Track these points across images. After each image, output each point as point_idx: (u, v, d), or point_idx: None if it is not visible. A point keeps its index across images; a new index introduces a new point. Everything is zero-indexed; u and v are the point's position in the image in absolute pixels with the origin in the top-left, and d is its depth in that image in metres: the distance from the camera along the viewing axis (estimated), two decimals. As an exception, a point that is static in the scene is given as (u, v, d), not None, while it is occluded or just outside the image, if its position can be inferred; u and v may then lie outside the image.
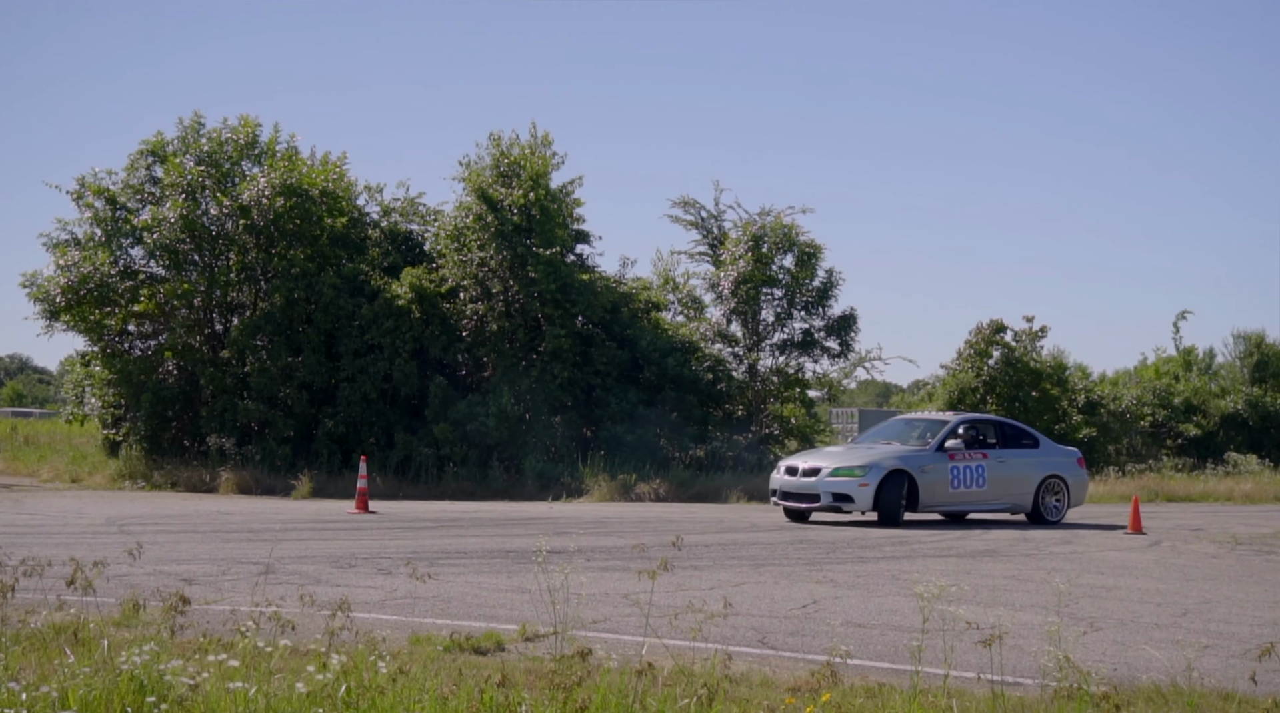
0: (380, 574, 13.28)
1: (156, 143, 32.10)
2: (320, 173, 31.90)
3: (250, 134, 32.31)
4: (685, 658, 8.47)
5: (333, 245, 32.04)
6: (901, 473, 20.85)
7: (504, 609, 11.06)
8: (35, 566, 7.72)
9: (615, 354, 30.50)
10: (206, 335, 31.86)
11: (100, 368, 32.26)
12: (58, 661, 6.38)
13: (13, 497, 25.33)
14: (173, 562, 13.82)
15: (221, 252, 31.44)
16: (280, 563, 13.92)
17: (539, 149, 31.35)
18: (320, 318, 30.67)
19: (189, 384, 31.45)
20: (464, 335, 30.88)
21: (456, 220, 31.37)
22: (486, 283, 30.73)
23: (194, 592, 11.09)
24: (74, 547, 15.25)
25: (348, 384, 30.21)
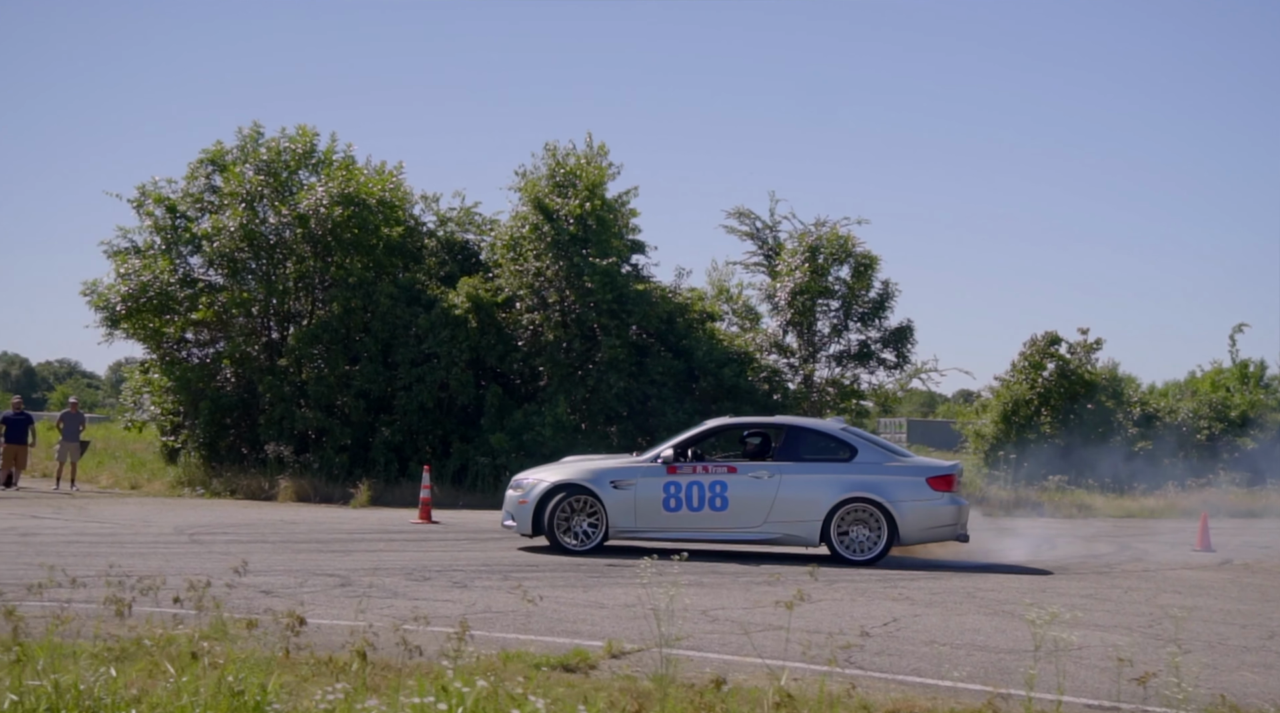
0: (456, 587, 13.30)
1: (216, 152, 32.33)
2: (377, 182, 32.03)
3: (308, 144, 32.48)
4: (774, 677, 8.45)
5: (389, 255, 32.16)
6: (577, 490, 17.27)
7: (585, 625, 11.06)
8: (151, 584, 7.76)
9: (671, 364, 30.46)
10: (264, 344, 32.03)
11: (159, 375, 32.46)
12: (185, 678, 6.41)
13: (76, 503, 25.53)
14: (249, 573, 13.87)
15: (279, 260, 31.61)
16: (355, 575, 13.98)
17: (595, 159, 31.40)
18: (377, 327, 30.78)
19: (247, 392, 31.61)
20: (520, 345, 30.93)
21: (513, 230, 31.42)
22: (542, 292, 30.77)
23: (274, 603, 11.15)
24: (149, 557, 15.36)
25: (404, 393, 30.30)
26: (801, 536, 16.92)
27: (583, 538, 17.21)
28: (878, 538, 16.76)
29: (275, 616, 7.49)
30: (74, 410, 32.04)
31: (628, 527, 17.22)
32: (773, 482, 17.00)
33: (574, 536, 17.24)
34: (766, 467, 17.12)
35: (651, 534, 17.35)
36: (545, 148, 31.57)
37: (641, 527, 17.22)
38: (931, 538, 17.19)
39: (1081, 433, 35.66)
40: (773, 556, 17.41)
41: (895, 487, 16.86)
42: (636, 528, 17.24)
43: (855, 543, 16.80)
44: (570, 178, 31.05)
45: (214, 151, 32.34)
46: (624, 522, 17.19)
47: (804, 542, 16.98)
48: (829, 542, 16.83)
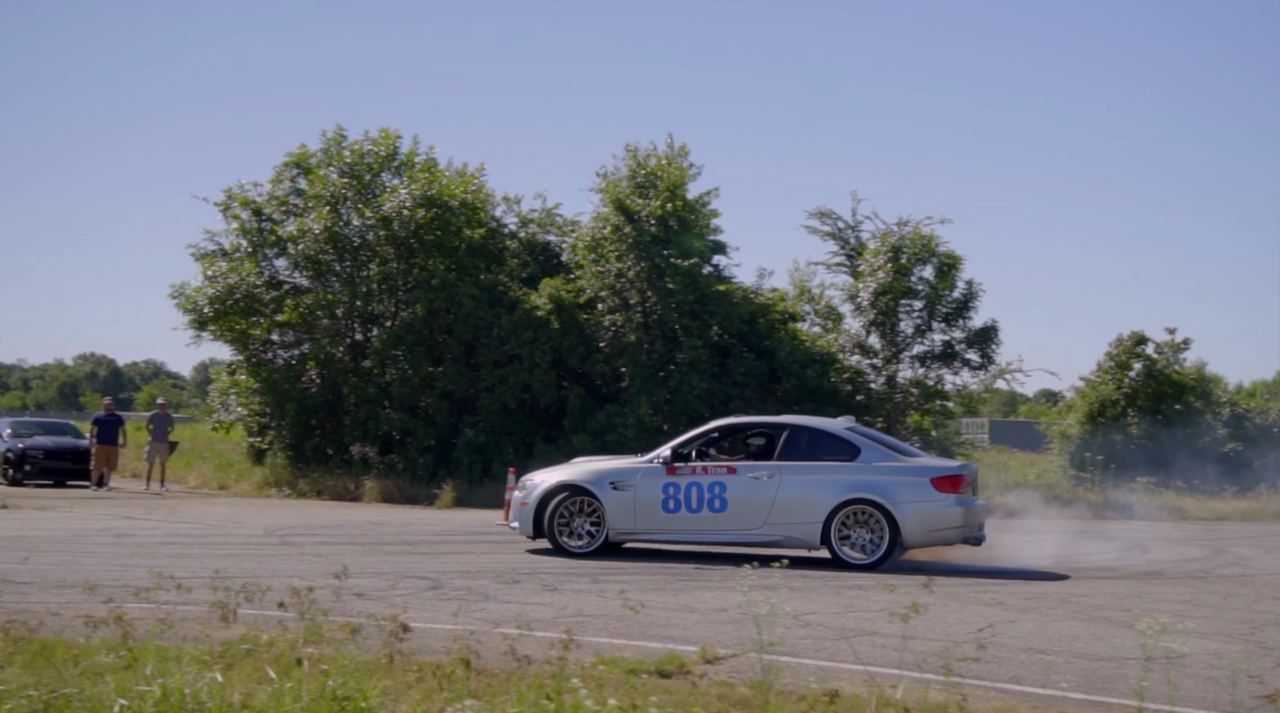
0: (546, 590, 13.32)
1: (300, 155, 32.63)
2: (459, 184, 32.18)
3: (390, 146, 32.70)
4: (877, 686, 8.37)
5: (471, 256, 32.29)
6: (578, 491, 17.06)
7: (677, 629, 11.02)
8: (255, 589, 7.82)
9: (753, 365, 30.37)
10: (348, 345, 32.29)
11: (246, 377, 32.81)
12: (289, 683, 6.44)
13: (167, 504, 25.86)
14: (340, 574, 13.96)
15: (363, 262, 31.85)
16: (445, 577, 14.03)
17: (676, 160, 31.35)
18: (460, 328, 30.92)
19: (332, 393, 31.87)
20: (602, 346, 30.95)
21: (594, 231, 31.45)
22: (624, 293, 30.78)
23: (367, 606, 11.22)
24: (243, 558, 15.52)
25: (487, 394, 30.41)
26: (801, 538, 16.48)
27: (585, 539, 16.98)
28: (880, 541, 16.20)
29: (378, 621, 7.52)
30: (162, 411, 32.46)
31: (627, 528, 16.96)
32: (772, 483, 16.56)
33: (575, 537, 17.03)
34: (766, 467, 16.70)
35: (651, 536, 17.10)
36: (626, 149, 31.63)
37: (640, 528, 16.96)
38: (937, 541, 16.64)
39: (1169, 434, 35.10)
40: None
41: (897, 487, 16.27)
42: (636, 529, 16.98)
43: (857, 546, 16.28)
44: (651, 179, 31.03)
45: (299, 155, 32.65)
46: (623, 523, 16.92)
47: (804, 544, 16.55)
48: (829, 544, 16.34)
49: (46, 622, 9.01)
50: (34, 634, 7.68)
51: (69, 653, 7.06)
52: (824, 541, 16.32)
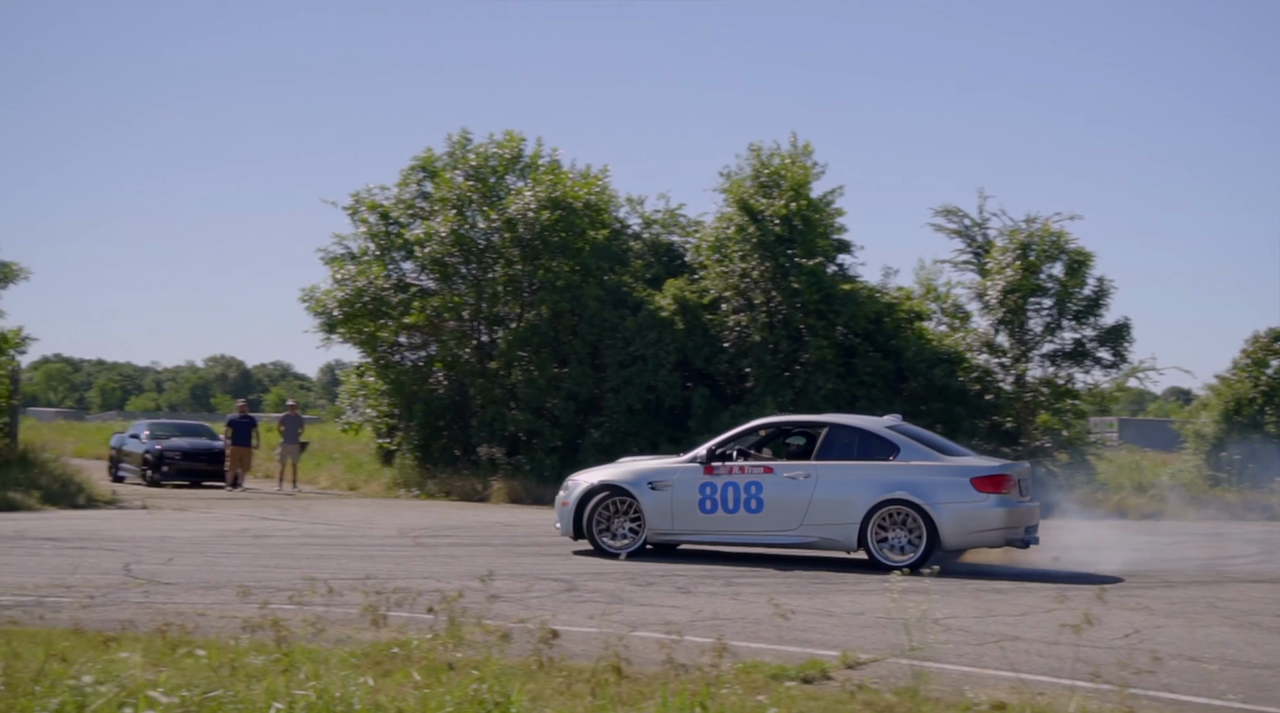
0: (680, 593, 13.29)
1: (426, 159, 32.94)
2: (583, 186, 32.29)
3: (515, 149, 32.89)
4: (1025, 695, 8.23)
5: (596, 257, 32.35)
6: (617, 491, 16.90)
7: (815, 633, 10.94)
8: (406, 595, 7.89)
9: (879, 365, 30.10)
10: (475, 347, 32.54)
11: (374, 379, 33.21)
12: (440, 688, 6.47)
13: (300, 504, 26.26)
14: (475, 576, 14.06)
15: (488, 265, 32.05)
16: (579, 579, 14.07)
17: (800, 159, 31.16)
18: (585, 330, 31.02)
19: (458, 395, 32.13)
20: (726, 346, 30.85)
21: (718, 231, 31.36)
22: (748, 294, 30.67)
23: (504, 608, 11.26)
24: (378, 559, 15.69)
25: (613, 395, 30.47)
26: (838, 539, 16.11)
27: (625, 540, 16.80)
28: (917, 542, 15.72)
29: (525, 625, 7.54)
30: (293, 413, 32.99)
31: (665, 529, 16.76)
32: (808, 483, 16.21)
33: (614, 537, 16.86)
34: (802, 467, 16.37)
35: (688, 537, 16.89)
36: (750, 148, 31.50)
37: (679, 529, 16.75)
38: (978, 543, 16.09)
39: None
40: (988, 563, 17.05)
41: (935, 488, 15.77)
42: (674, 530, 16.77)
43: (894, 548, 15.81)
44: (775, 178, 30.88)
45: (425, 158, 32.97)
46: (661, 523, 16.72)
47: (841, 546, 16.20)
48: (866, 546, 15.92)
49: (196, 623, 9.17)
50: (189, 637, 7.81)
51: (223, 655, 7.16)
52: (861, 542, 15.95)
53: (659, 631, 10.69)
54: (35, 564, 14.31)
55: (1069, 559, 17.13)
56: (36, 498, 24.04)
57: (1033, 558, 17.05)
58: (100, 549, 16.06)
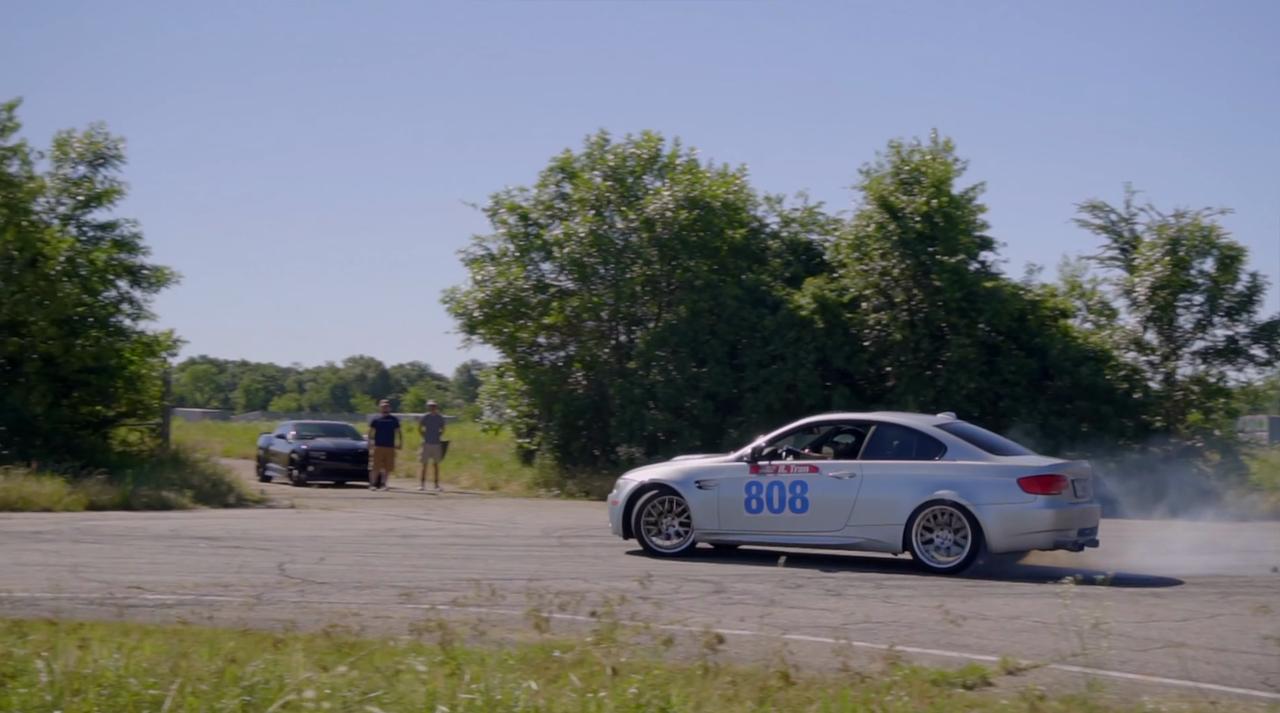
0: (830, 595, 13.17)
1: (565, 160, 33.13)
2: (721, 185, 32.24)
3: (652, 149, 32.95)
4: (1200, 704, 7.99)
5: (734, 257, 32.31)
6: (665, 490, 16.70)
7: (971, 637, 10.75)
8: (569, 598, 7.88)
9: (1023, 363, 29.65)
10: (613, 347, 32.65)
11: (514, 379, 33.46)
12: (603, 693, 6.44)
13: (443, 504, 26.54)
14: (623, 577, 14.07)
15: (626, 264, 32.13)
16: (727, 581, 14.00)
17: (940, 155, 30.80)
18: (723, 329, 30.95)
19: (598, 395, 32.24)
20: (866, 345, 30.58)
21: (857, 229, 31.11)
22: (889, 292, 30.37)
23: (655, 610, 11.21)
24: (525, 560, 15.78)
25: (752, 395, 30.35)
26: (883, 540, 15.76)
27: (674, 539, 16.63)
28: (962, 544, 15.27)
29: (689, 629, 7.49)
30: (434, 413, 33.38)
31: (712, 528, 16.56)
32: (853, 482, 15.88)
33: (663, 536, 16.70)
34: (847, 466, 16.04)
35: (734, 537, 16.68)
36: (889, 145, 31.19)
37: (725, 529, 16.54)
38: (1026, 545, 15.62)
39: None
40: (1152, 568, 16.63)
41: (980, 488, 15.32)
42: (720, 530, 16.57)
43: (940, 549, 15.40)
44: (915, 175, 30.55)
45: (563, 159, 33.16)
46: (708, 523, 16.52)
47: (886, 547, 15.85)
48: (911, 548, 15.52)
49: (361, 625, 9.25)
50: (355, 638, 7.89)
51: (387, 658, 7.21)
52: (906, 544, 15.57)
53: (811, 634, 10.60)
54: (193, 563, 14.61)
55: (1218, 563, 16.65)
56: (189, 497, 24.58)
57: (1190, 562, 16.60)
58: (254, 549, 16.35)
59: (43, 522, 19.48)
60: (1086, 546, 15.94)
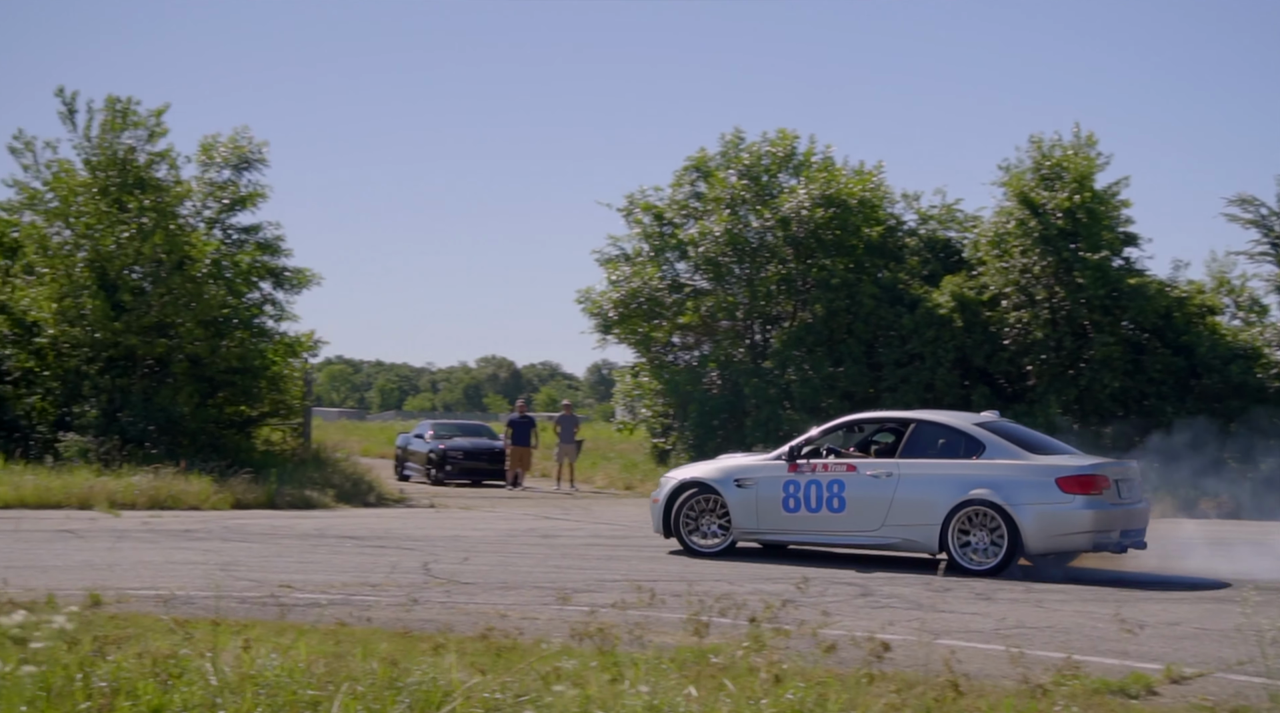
0: (979, 599, 12.93)
1: (700, 159, 33.09)
2: (857, 182, 31.99)
3: (788, 147, 32.82)
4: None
5: (870, 255, 32.06)
6: (704, 489, 16.46)
7: (1131, 645, 10.40)
8: (729, 604, 7.80)
9: (1169, 361, 29.00)
10: (748, 346, 32.53)
11: (648, 379, 33.47)
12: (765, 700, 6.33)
13: (580, 504, 26.60)
14: (765, 579, 13.94)
15: (761, 263, 32.00)
16: (873, 583, 13.82)
17: (1082, 150, 30.28)
18: (860, 328, 30.68)
19: (733, 394, 32.11)
20: (1006, 344, 30.12)
21: (997, 226, 30.71)
22: (1030, 289, 29.87)
23: (800, 614, 11.03)
24: (667, 562, 15.70)
25: (889, 394, 30.02)
26: (920, 540, 15.41)
27: (714, 539, 16.37)
28: (999, 546, 14.85)
29: (852, 635, 7.36)
30: (568, 412, 33.48)
31: (750, 527, 16.30)
32: (890, 482, 15.53)
33: (703, 536, 16.45)
34: (884, 465, 15.69)
35: (773, 536, 16.42)
36: (1030, 140, 30.77)
37: (763, 528, 16.28)
38: (1065, 546, 15.12)
39: None
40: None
41: (1017, 487, 14.92)
42: (759, 529, 16.31)
43: (978, 550, 14.99)
44: (1057, 170, 30.07)
45: (698, 158, 33.13)
46: (747, 522, 16.27)
47: (923, 548, 15.49)
48: (948, 548, 15.12)
49: (519, 628, 9.24)
50: (512, 642, 7.87)
51: (544, 660, 7.17)
52: (943, 545, 15.19)
53: (964, 639, 10.39)
54: (339, 563, 14.75)
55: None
56: (331, 496, 24.90)
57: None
58: (398, 548, 16.48)
59: (191, 520, 19.83)
60: (1132, 548, 15.54)
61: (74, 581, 12.01)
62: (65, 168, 27.38)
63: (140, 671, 6.87)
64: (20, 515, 19.35)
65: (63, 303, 26.65)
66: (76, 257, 26.94)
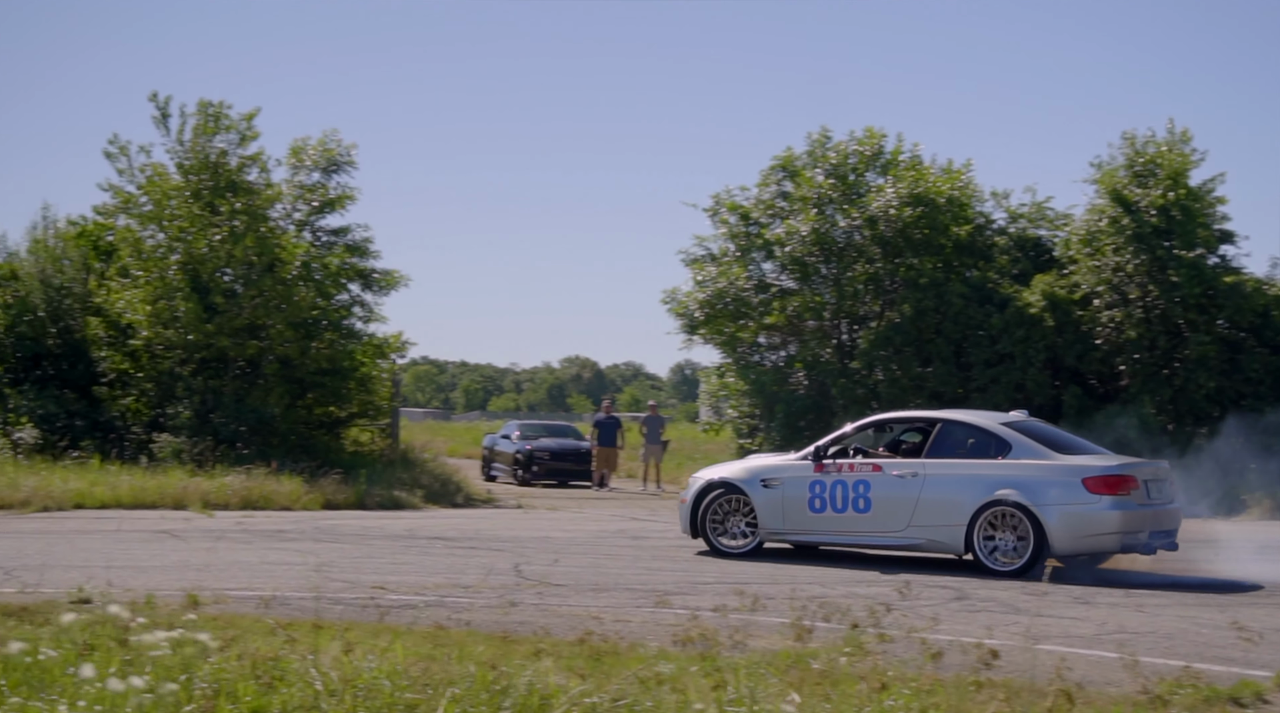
0: (1078, 603, 12.73)
1: (786, 158, 32.91)
2: (945, 181, 31.68)
3: (875, 146, 32.55)
4: None
5: (959, 254, 31.74)
6: (731, 489, 16.32)
7: (1235, 651, 10.19)
8: (833, 609, 7.71)
9: (1268, 361, 28.47)
10: (835, 347, 32.30)
11: (734, 379, 33.36)
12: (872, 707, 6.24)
13: (668, 505, 26.49)
14: (859, 583, 13.82)
15: (849, 263, 31.77)
16: (969, 588, 13.64)
17: (1177, 146, 29.80)
18: (949, 328, 30.36)
19: (819, 395, 31.91)
20: (1098, 343, 29.71)
21: (1088, 224, 30.30)
22: (1122, 288, 29.44)
23: (896, 618, 10.92)
24: (759, 564, 15.60)
25: (979, 395, 29.68)
26: (945, 541, 15.23)
27: (741, 540, 16.23)
28: (1025, 547, 14.65)
29: (963, 646, 7.24)
30: (654, 413, 33.45)
31: (776, 528, 16.16)
32: (915, 482, 15.34)
33: (730, 536, 16.31)
34: (910, 465, 15.49)
35: (799, 537, 16.28)
36: (1123, 137, 30.32)
37: (789, 528, 16.15)
38: (1091, 548, 14.89)
39: None
40: None
41: (1043, 488, 14.71)
42: (785, 529, 16.17)
43: (1003, 551, 14.80)
44: (1150, 167, 29.61)
45: (784, 158, 32.95)
46: (773, 523, 16.12)
47: (948, 548, 15.32)
48: (974, 549, 14.94)
49: (617, 632, 9.20)
50: (611, 645, 7.82)
51: (643, 664, 7.12)
52: (968, 546, 14.99)
53: (1064, 644, 10.21)
54: (431, 564, 14.79)
55: None
56: (419, 497, 25.00)
57: None
58: (488, 550, 16.51)
59: (284, 520, 19.99)
60: (1163, 549, 15.28)
61: (172, 581, 12.13)
62: (159, 172, 27.74)
63: (241, 672, 6.91)
64: (120, 516, 19.63)
65: (157, 305, 27.01)
66: (170, 259, 27.30)
